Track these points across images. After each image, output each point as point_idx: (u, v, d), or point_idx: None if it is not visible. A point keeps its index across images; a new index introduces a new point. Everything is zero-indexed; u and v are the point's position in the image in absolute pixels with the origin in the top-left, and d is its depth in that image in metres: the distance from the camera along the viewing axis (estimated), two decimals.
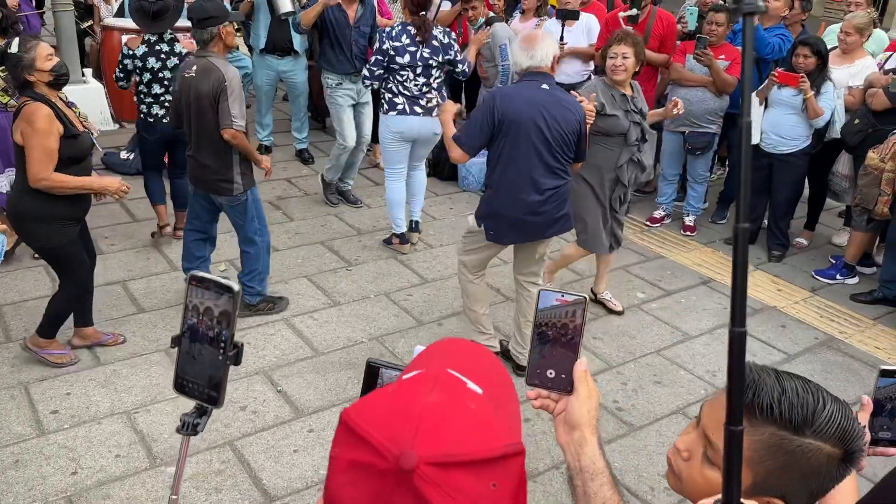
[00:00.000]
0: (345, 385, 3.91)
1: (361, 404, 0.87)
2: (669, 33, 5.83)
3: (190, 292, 1.27)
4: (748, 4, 0.73)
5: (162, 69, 4.82)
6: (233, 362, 1.27)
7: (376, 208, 6.08)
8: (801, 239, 5.99)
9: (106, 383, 3.76)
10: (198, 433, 1.36)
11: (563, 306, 1.25)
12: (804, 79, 5.08)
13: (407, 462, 0.78)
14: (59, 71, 3.52)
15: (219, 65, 3.95)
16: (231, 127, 3.94)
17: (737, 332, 0.79)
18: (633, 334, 4.57)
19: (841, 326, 4.83)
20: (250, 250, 4.34)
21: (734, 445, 0.82)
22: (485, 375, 0.93)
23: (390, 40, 4.86)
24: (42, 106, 3.42)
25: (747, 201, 0.79)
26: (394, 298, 4.78)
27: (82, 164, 3.63)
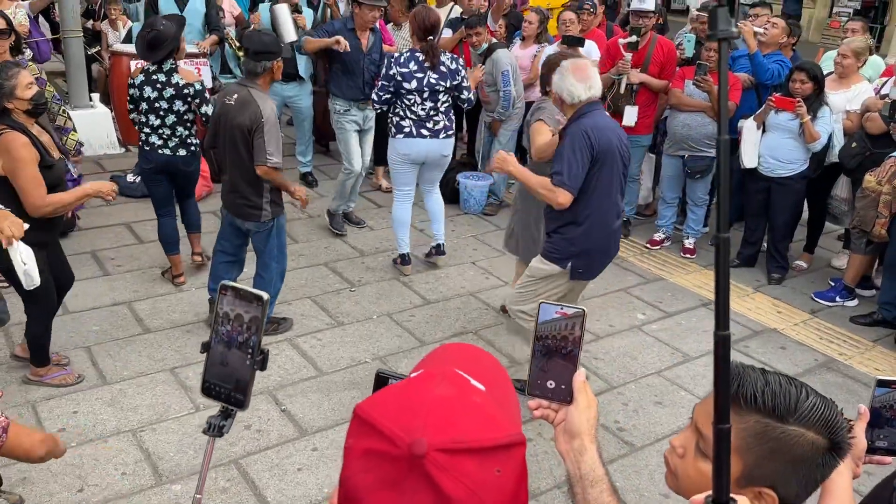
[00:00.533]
0: (348, 404, 3.94)
1: (373, 399, 0.94)
2: (669, 60, 5.94)
3: (220, 300, 1.34)
4: (722, 31, 0.80)
5: (158, 99, 4.66)
6: (259, 367, 1.33)
7: (379, 230, 6.15)
8: (801, 262, 6.05)
9: (112, 402, 3.80)
10: (223, 435, 1.42)
11: (562, 319, 1.29)
12: (801, 103, 5.16)
13: (418, 448, 0.84)
14: (38, 100, 3.50)
15: (258, 99, 4.03)
16: (265, 164, 4.03)
17: (721, 335, 0.85)
18: (634, 355, 4.61)
19: (840, 348, 4.87)
20: (265, 275, 4.39)
21: (723, 442, 0.88)
22: (487, 375, 0.99)
23: (398, 66, 4.93)
24: (19, 135, 3.39)
25: (727, 213, 0.84)
26: (396, 319, 4.83)
27: (56, 190, 3.56)
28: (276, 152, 4.04)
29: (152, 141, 4.76)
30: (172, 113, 4.69)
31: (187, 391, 3.94)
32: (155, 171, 4.84)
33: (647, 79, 5.83)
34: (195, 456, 3.49)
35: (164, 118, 4.70)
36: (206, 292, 4.76)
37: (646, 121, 5.99)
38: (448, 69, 5.03)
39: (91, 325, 4.38)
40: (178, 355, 4.24)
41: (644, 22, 5.82)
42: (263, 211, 4.19)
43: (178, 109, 4.70)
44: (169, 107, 4.67)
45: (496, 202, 6.75)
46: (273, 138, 4.02)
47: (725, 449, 0.88)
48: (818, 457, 1.19)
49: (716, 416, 0.88)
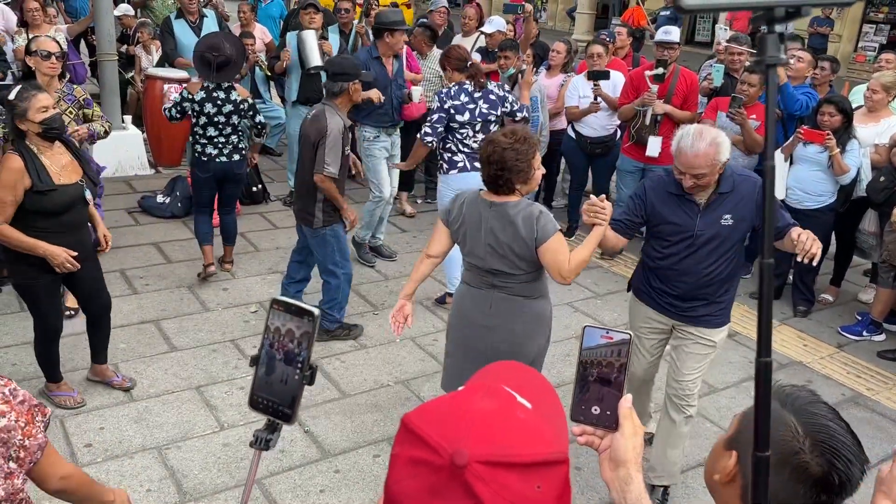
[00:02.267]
0: (371, 427, 3.95)
1: (420, 409, 0.96)
2: (692, 91, 5.96)
3: (271, 315, 1.35)
4: (771, 57, 0.81)
5: (217, 114, 5.16)
6: (308, 382, 1.33)
7: (403, 255, 6.18)
8: (827, 295, 5.99)
9: (138, 419, 3.84)
10: (269, 448, 1.43)
11: (608, 344, 1.27)
12: (830, 136, 5.15)
13: (459, 459, 0.86)
14: (50, 125, 3.48)
15: (328, 115, 4.39)
16: (321, 173, 4.37)
17: (763, 362, 0.85)
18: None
19: (868, 383, 4.80)
20: (330, 281, 4.69)
21: (761, 470, 0.87)
22: (534, 393, 1.01)
23: (450, 99, 4.89)
24: (15, 159, 3.42)
25: (771, 238, 0.85)
26: (419, 343, 4.84)
27: (61, 216, 3.56)
28: (332, 164, 4.36)
29: (209, 152, 5.22)
30: (229, 125, 5.22)
31: (212, 410, 3.96)
32: (212, 179, 5.31)
33: (672, 110, 5.85)
34: (219, 475, 3.50)
35: (223, 130, 5.20)
36: (232, 312, 4.94)
37: (669, 151, 5.97)
38: (497, 96, 5.00)
39: (119, 343, 4.43)
40: (204, 374, 4.27)
41: (669, 53, 5.86)
42: (315, 218, 4.51)
43: (234, 122, 5.23)
44: (227, 120, 5.19)
45: None
46: (333, 151, 4.35)
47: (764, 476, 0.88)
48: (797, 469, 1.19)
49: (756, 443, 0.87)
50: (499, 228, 3.10)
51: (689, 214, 3.27)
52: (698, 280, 3.33)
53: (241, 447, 3.69)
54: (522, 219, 3.06)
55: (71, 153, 3.66)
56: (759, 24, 0.82)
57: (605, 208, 3.03)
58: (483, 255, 3.16)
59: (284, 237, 6.34)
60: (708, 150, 3.07)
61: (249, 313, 5.02)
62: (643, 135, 5.89)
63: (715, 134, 3.15)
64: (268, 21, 8.85)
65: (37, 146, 3.50)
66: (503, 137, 3.07)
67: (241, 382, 4.21)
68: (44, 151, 3.52)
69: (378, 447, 3.81)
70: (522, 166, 3.05)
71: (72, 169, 3.62)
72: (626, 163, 6.19)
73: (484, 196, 3.18)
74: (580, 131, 6.43)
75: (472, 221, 3.18)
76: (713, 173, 3.15)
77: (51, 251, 3.52)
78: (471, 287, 3.29)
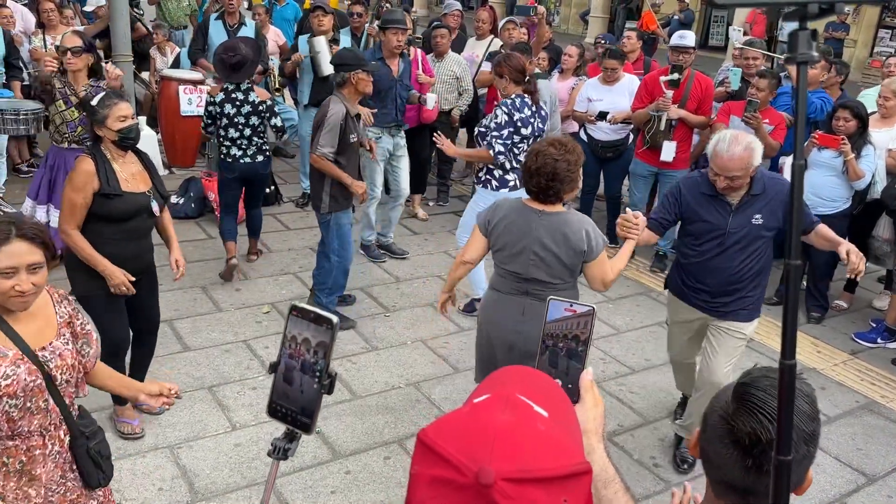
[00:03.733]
0: (382, 429, 3.95)
1: (437, 425, 0.94)
2: (707, 96, 5.94)
3: (290, 322, 1.33)
4: (802, 55, 0.79)
5: (237, 115, 5.26)
6: (327, 391, 1.31)
7: (414, 257, 6.19)
8: (841, 301, 5.94)
9: (150, 418, 3.85)
10: (287, 458, 1.41)
11: (572, 317, 1.26)
12: (845, 141, 5.12)
13: (485, 478, 0.84)
14: (127, 135, 3.53)
15: (332, 102, 4.64)
16: (314, 153, 4.59)
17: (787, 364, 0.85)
18: (671, 390, 4.55)
19: (882, 390, 4.76)
20: (324, 264, 4.88)
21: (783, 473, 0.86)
22: (547, 399, 1.00)
23: (517, 111, 4.71)
24: (87, 161, 3.47)
25: (798, 239, 0.84)
26: (431, 346, 4.84)
27: (124, 224, 3.56)
28: (326, 145, 4.56)
29: (234, 153, 5.35)
30: (249, 126, 5.32)
31: (224, 410, 3.98)
32: (237, 179, 5.43)
33: (686, 114, 5.84)
34: (230, 475, 3.52)
35: (243, 131, 5.31)
36: (245, 313, 5.00)
37: (682, 156, 5.98)
38: (546, 112, 4.95)
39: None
40: (217, 374, 4.29)
41: (684, 58, 5.85)
42: (322, 203, 4.72)
43: (254, 123, 5.33)
44: (246, 121, 5.30)
45: None
46: (329, 133, 4.55)
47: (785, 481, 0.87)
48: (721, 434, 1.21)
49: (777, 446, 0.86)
50: (548, 238, 3.15)
51: (722, 214, 3.48)
52: (729, 276, 3.52)
53: (253, 447, 3.70)
54: (575, 232, 3.13)
55: (142, 164, 3.68)
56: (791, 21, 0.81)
57: (639, 224, 3.22)
58: (525, 264, 3.19)
59: (297, 239, 6.36)
60: (743, 155, 3.27)
61: (262, 314, 5.04)
62: (658, 140, 5.88)
63: (750, 140, 3.35)
64: (282, 23, 8.88)
65: (110, 152, 3.54)
66: (552, 149, 3.12)
67: (252, 383, 4.22)
68: (116, 158, 3.55)
69: (389, 449, 3.81)
70: (573, 176, 3.14)
71: (140, 179, 3.63)
72: (640, 167, 6.18)
73: (529, 204, 3.22)
74: (592, 135, 6.42)
75: (517, 230, 3.20)
76: (746, 176, 3.35)
77: (110, 271, 3.48)
78: (501, 293, 3.32)
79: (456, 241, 6.38)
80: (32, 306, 2.17)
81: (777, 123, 5.55)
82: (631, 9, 20.28)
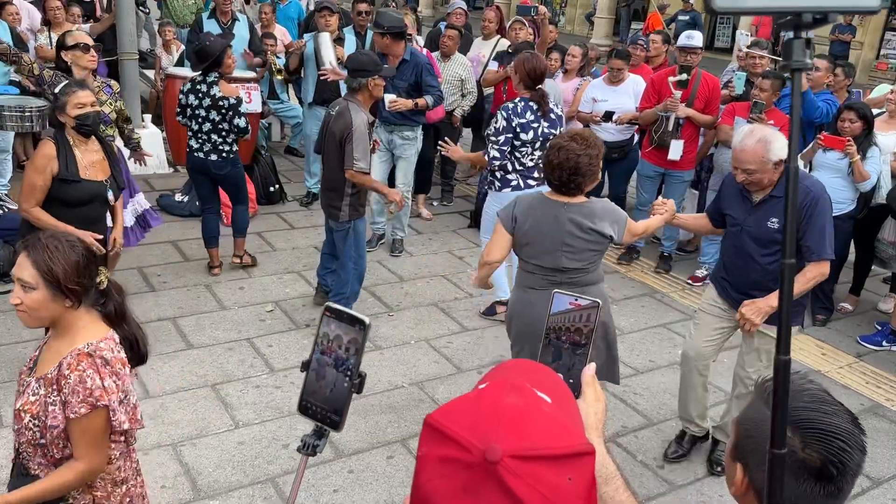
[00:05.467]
0: (385, 428, 3.95)
1: (444, 409, 0.96)
2: (714, 96, 5.93)
3: (323, 321, 1.35)
4: (797, 62, 0.82)
5: (198, 107, 5.18)
6: (357, 390, 1.33)
7: (418, 256, 6.19)
8: (846, 304, 5.92)
9: (154, 416, 3.85)
10: (316, 454, 1.43)
11: (575, 310, 1.25)
12: (851, 142, 5.10)
13: (492, 455, 0.86)
14: (84, 121, 3.70)
15: (352, 111, 4.51)
16: (351, 168, 4.51)
17: (782, 360, 0.86)
18: (675, 392, 4.51)
19: (887, 393, 4.75)
20: (342, 274, 4.84)
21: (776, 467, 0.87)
22: (550, 388, 1.01)
23: (517, 117, 4.65)
24: (49, 144, 3.65)
25: (793, 238, 0.86)
26: (434, 345, 4.83)
27: (77, 209, 3.69)
28: (362, 158, 4.51)
29: (191, 144, 5.31)
30: (208, 121, 5.18)
31: (227, 408, 3.98)
32: (193, 171, 5.40)
33: (694, 114, 5.82)
34: (233, 473, 3.51)
35: (202, 125, 5.21)
36: (249, 311, 5.01)
37: (689, 156, 5.97)
38: (556, 116, 4.81)
39: None
40: (220, 372, 4.29)
41: (692, 58, 5.84)
42: (341, 212, 4.68)
43: (213, 118, 5.17)
44: (206, 115, 5.17)
45: None
46: (360, 145, 4.49)
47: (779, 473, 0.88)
48: (794, 467, 1.17)
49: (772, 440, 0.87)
50: (577, 228, 3.24)
51: (744, 209, 3.50)
52: (752, 274, 3.50)
53: (256, 445, 3.70)
54: (601, 219, 3.26)
55: (104, 153, 3.82)
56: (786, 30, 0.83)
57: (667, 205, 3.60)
58: (556, 256, 3.26)
59: (301, 237, 6.37)
60: (756, 147, 3.26)
61: (265, 312, 5.04)
62: (665, 139, 5.87)
63: (767, 133, 3.33)
64: (286, 22, 8.90)
65: (73, 139, 3.69)
66: (574, 144, 3.19)
67: (256, 381, 4.22)
68: (78, 145, 3.70)
69: (392, 448, 3.80)
70: (594, 169, 3.24)
71: (100, 167, 3.77)
72: (647, 167, 6.17)
73: (552, 197, 3.30)
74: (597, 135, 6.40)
75: (544, 224, 3.27)
76: (763, 171, 3.31)
77: (77, 234, 3.51)
78: (534, 290, 3.36)
79: (459, 241, 6.44)
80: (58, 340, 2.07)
81: (782, 124, 5.52)
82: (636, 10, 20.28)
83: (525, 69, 4.66)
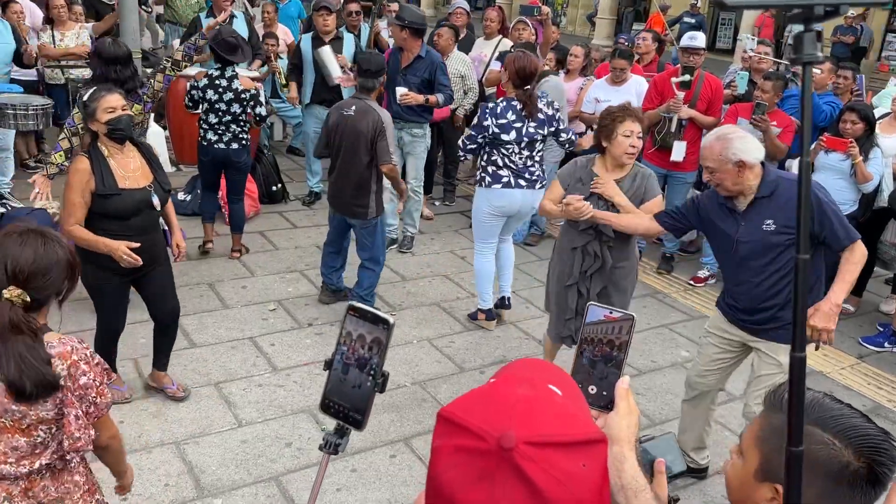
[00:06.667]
0: (387, 427, 3.95)
1: (457, 402, 0.98)
2: (716, 97, 5.94)
3: (346, 321, 1.35)
4: (808, 55, 0.82)
5: (218, 101, 5.34)
6: (379, 390, 1.33)
7: (420, 256, 6.19)
8: (848, 305, 5.92)
9: (157, 414, 3.86)
10: (338, 453, 1.43)
11: (609, 323, 1.25)
12: (853, 144, 5.11)
13: (507, 442, 0.87)
14: (115, 125, 3.47)
15: (376, 108, 4.69)
16: (390, 162, 4.67)
17: (797, 357, 0.86)
18: (678, 392, 4.53)
19: (889, 395, 4.75)
20: (375, 269, 4.99)
21: (794, 465, 0.87)
22: (560, 383, 1.03)
23: (494, 118, 4.57)
24: (82, 160, 3.45)
25: (807, 234, 0.86)
26: (436, 345, 4.84)
27: (126, 221, 3.53)
28: (394, 153, 4.77)
29: (209, 137, 5.45)
30: (230, 114, 5.38)
31: (231, 406, 3.98)
32: (210, 163, 5.55)
33: (696, 115, 5.82)
34: (236, 471, 3.52)
35: (222, 118, 5.38)
36: (251, 310, 5.01)
37: (691, 157, 5.96)
38: (546, 116, 4.69)
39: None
40: (223, 370, 4.29)
41: (695, 59, 5.84)
42: (369, 209, 4.79)
43: (235, 111, 5.37)
44: (227, 108, 5.35)
45: (538, 233, 6.75)
46: (392, 141, 4.71)
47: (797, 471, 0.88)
48: (851, 479, 1.17)
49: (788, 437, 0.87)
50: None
51: (732, 221, 3.26)
52: (754, 291, 3.27)
53: (259, 444, 3.71)
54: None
55: (143, 157, 3.64)
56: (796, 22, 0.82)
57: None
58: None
59: (304, 236, 6.37)
60: (714, 145, 3.13)
61: (268, 311, 5.05)
62: (668, 141, 5.87)
63: (731, 132, 3.18)
64: (287, 21, 8.91)
65: (107, 148, 3.50)
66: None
67: (259, 380, 4.22)
68: (113, 154, 3.51)
69: (394, 447, 3.81)
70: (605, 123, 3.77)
71: (141, 174, 3.58)
72: None
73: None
74: None
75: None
76: (722, 170, 3.11)
77: (110, 245, 3.46)
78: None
79: (462, 240, 6.43)
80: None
81: (785, 126, 5.53)
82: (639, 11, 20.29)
83: (514, 68, 4.55)
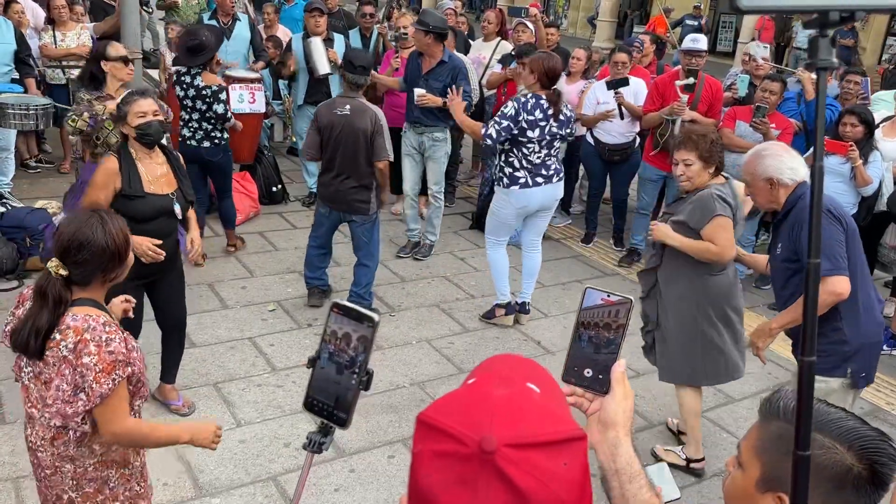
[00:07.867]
0: (386, 428, 3.96)
1: (435, 405, 0.97)
2: (717, 99, 5.94)
3: (331, 318, 1.33)
4: (823, 60, 0.82)
5: (184, 98, 5.37)
6: (364, 388, 1.32)
7: (420, 257, 6.19)
8: None
9: (156, 414, 3.86)
10: (322, 452, 1.42)
11: (607, 306, 1.25)
12: (853, 147, 5.11)
13: (488, 445, 0.86)
14: (144, 130, 3.49)
15: (370, 105, 4.74)
16: (386, 159, 4.76)
17: (806, 361, 0.86)
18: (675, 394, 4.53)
19: (888, 397, 4.75)
20: (371, 265, 5.03)
21: (801, 469, 0.87)
22: (537, 379, 1.02)
23: (525, 112, 4.63)
24: (111, 160, 3.47)
25: (818, 238, 0.85)
26: (436, 346, 4.84)
27: (144, 225, 3.49)
28: (389, 150, 4.79)
29: (184, 133, 5.47)
30: (196, 111, 5.37)
31: (229, 406, 3.98)
32: (189, 161, 5.31)
33: (698, 117, 5.83)
34: (234, 471, 3.52)
35: (191, 114, 5.39)
36: (251, 310, 5.00)
37: None
38: (566, 117, 4.81)
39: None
40: (222, 371, 4.30)
41: (697, 62, 5.84)
42: (371, 204, 4.86)
43: (200, 108, 5.35)
44: (193, 105, 5.36)
45: None
46: (388, 138, 4.76)
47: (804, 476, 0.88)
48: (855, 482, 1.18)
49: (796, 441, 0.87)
50: None
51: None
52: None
53: (258, 444, 3.71)
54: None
55: (170, 165, 3.65)
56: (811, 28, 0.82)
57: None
58: None
59: (303, 237, 6.34)
60: (749, 160, 3.27)
61: (267, 311, 5.05)
62: (671, 143, 5.87)
63: (764, 147, 3.29)
64: (290, 22, 8.89)
65: (136, 152, 3.53)
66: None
67: (258, 380, 4.23)
68: (142, 158, 3.54)
69: (393, 448, 3.81)
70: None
71: (166, 181, 3.60)
72: (649, 171, 6.17)
73: None
74: (599, 138, 6.41)
75: None
76: (754, 185, 3.22)
77: (134, 240, 3.48)
78: None
79: (461, 242, 6.44)
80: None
81: (784, 128, 5.54)
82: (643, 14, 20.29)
83: (543, 68, 4.66)
